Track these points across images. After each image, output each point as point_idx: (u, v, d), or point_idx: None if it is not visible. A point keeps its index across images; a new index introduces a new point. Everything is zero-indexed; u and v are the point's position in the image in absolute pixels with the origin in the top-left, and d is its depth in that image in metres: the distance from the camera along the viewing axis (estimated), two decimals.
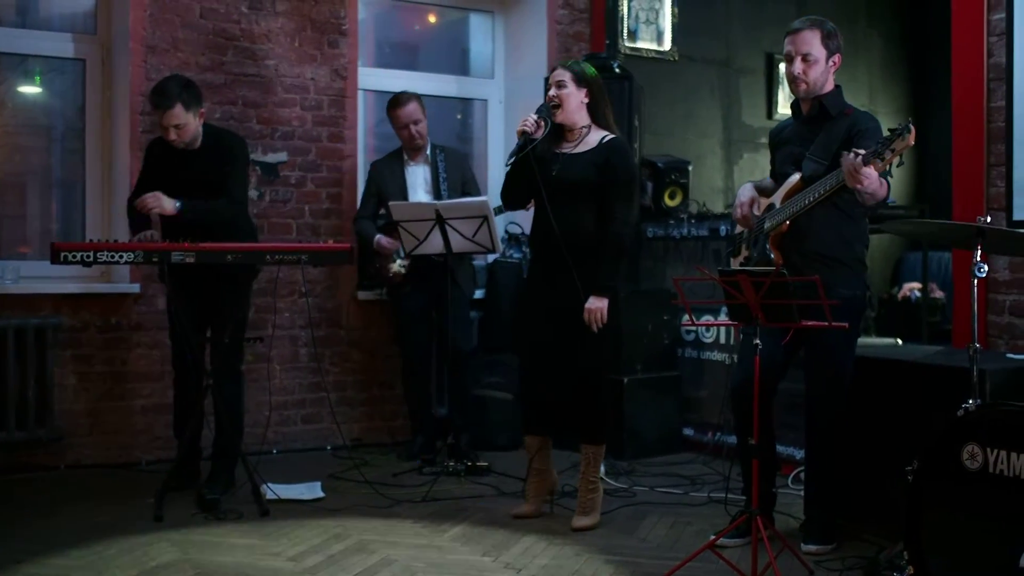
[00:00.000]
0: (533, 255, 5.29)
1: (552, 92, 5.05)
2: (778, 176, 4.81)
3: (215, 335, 5.65)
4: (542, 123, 5.03)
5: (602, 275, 4.96)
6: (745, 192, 4.87)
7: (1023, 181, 5.22)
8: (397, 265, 6.37)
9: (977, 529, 3.53)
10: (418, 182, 6.47)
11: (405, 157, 6.53)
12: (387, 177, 6.50)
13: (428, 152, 6.52)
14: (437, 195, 6.38)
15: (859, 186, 4.17)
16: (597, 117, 5.10)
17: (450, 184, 6.41)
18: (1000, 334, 5.25)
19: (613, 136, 5.06)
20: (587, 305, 4.92)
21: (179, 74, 5.81)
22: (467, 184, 6.54)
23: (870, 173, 4.11)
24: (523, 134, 4.99)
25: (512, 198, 5.24)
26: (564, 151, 5.08)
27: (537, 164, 5.03)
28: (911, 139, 4.04)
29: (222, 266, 5.36)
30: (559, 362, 5.09)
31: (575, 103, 5.04)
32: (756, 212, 4.79)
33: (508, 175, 5.14)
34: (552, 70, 5.20)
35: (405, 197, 6.37)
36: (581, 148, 5.06)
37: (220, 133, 5.80)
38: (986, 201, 5.32)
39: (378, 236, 6.38)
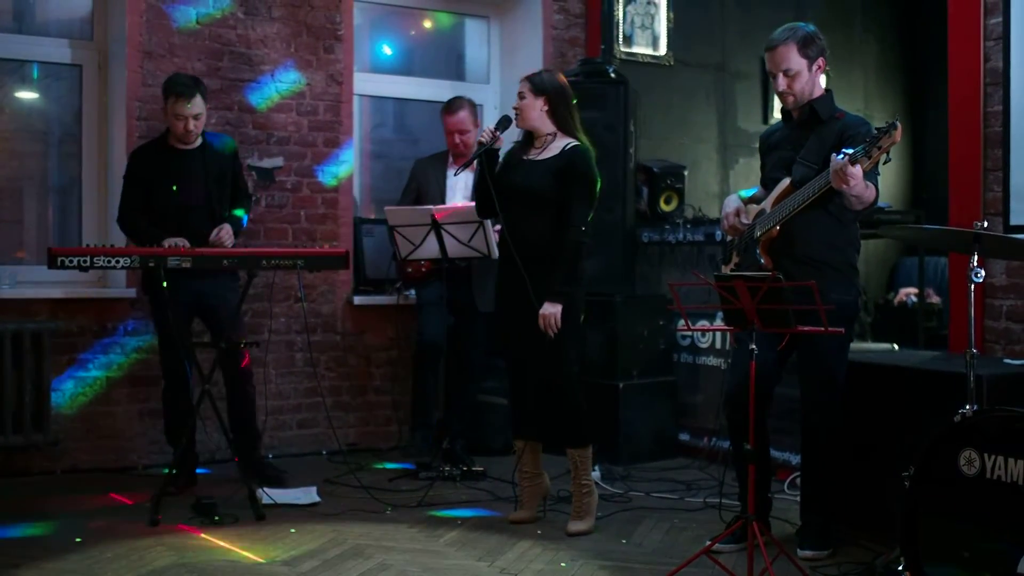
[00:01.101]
0: (500, 261, 5.30)
1: (515, 103, 5.17)
2: (768, 182, 4.82)
3: (216, 338, 5.76)
4: (497, 133, 5.15)
5: (555, 280, 4.95)
6: (730, 203, 4.89)
7: (1020, 186, 5.23)
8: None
9: (974, 535, 3.54)
10: (458, 187, 6.44)
11: (450, 160, 6.51)
12: (429, 177, 6.49)
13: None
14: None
15: (845, 187, 4.18)
16: (561, 124, 5.12)
17: None
18: (997, 339, 5.25)
19: (575, 143, 5.09)
20: (540, 311, 4.93)
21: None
22: None
23: (855, 173, 4.12)
24: (479, 144, 5.13)
25: (481, 207, 5.34)
26: (529, 158, 5.15)
27: (495, 172, 5.16)
28: (897, 136, 4.07)
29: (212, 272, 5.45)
30: (523, 366, 5.15)
31: (533, 112, 5.11)
32: (745, 220, 4.79)
33: (475, 185, 5.30)
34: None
35: (443, 200, 6.35)
36: (544, 155, 5.11)
37: (213, 133, 5.98)
38: (983, 206, 5.33)
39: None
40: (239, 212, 5.92)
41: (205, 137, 5.85)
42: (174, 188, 5.71)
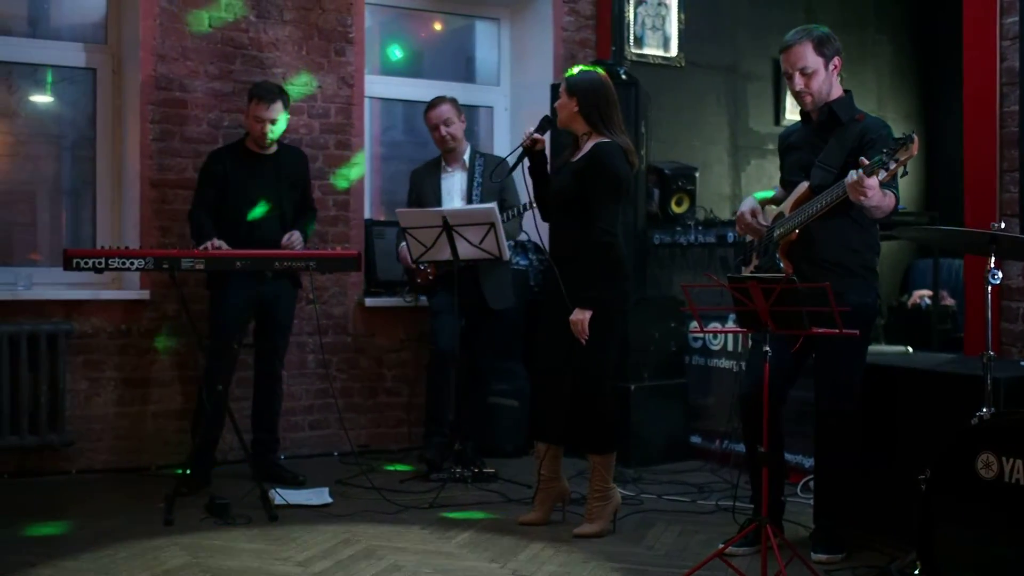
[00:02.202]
0: (549, 266, 5.32)
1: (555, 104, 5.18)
2: (786, 183, 4.81)
3: (263, 342, 6.05)
4: (536, 135, 5.13)
5: (582, 286, 4.93)
6: (747, 203, 4.88)
7: None
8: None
9: (992, 539, 3.52)
10: (454, 189, 6.43)
11: (443, 163, 6.50)
12: (425, 183, 6.47)
13: (467, 158, 6.45)
14: (470, 202, 6.34)
15: (863, 198, 4.18)
16: (592, 124, 5.05)
17: (484, 191, 6.31)
18: (1014, 342, 5.23)
19: (602, 140, 5.01)
20: (571, 318, 4.93)
21: None
22: (505, 191, 6.35)
23: (872, 184, 4.12)
24: (521, 146, 5.15)
25: (543, 212, 5.36)
26: (569, 161, 5.14)
27: (546, 174, 5.19)
28: (914, 149, 4.06)
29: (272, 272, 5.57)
30: (563, 372, 5.11)
31: (566, 113, 5.09)
32: (763, 221, 4.78)
33: (534, 190, 5.30)
34: None
35: (440, 203, 6.35)
36: (576, 157, 5.10)
37: (288, 145, 6.21)
38: (999, 207, 5.30)
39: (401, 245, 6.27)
40: (308, 225, 6.13)
41: (280, 147, 6.03)
42: (247, 190, 5.88)
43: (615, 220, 4.93)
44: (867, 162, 4.11)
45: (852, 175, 4.17)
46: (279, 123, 5.90)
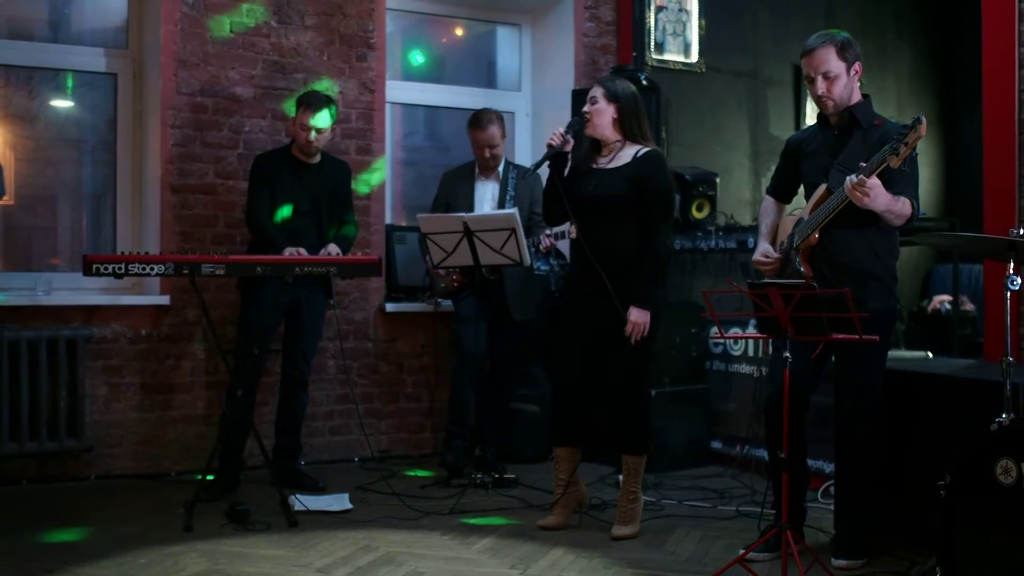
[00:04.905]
0: (571, 271, 5.32)
1: (585, 107, 5.15)
2: (807, 187, 4.80)
3: (291, 347, 6.08)
4: (568, 136, 5.10)
5: (643, 287, 5.01)
6: (758, 249, 4.92)
7: None
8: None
9: (1011, 544, 3.51)
10: (485, 197, 6.44)
11: (476, 171, 6.51)
12: (457, 188, 6.47)
13: (500, 169, 6.46)
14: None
15: (866, 200, 4.18)
16: (628, 133, 5.13)
17: (517, 202, 6.31)
18: None
19: (648, 149, 5.10)
20: (631, 318, 4.96)
21: None
22: (535, 204, 6.27)
23: (874, 184, 4.13)
24: (549, 147, 5.10)
25: (548, 213, 5.36)
26: (599, 166, 5.14)
27: (565, 178, 5.16)
28: (922, 130, 4.08)
29: (307, 279, 5.64)
30: (595, 377, 5.11)
31: (605, 119, 5.11)
32: (775, 253, 4.79)
33: (544, 192, 5.30)
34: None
35: (472, 210, 6.35)
36: (615, 163, 5.11)
37: (332, 156, 6.27)
38: (1018, 213, 5.28)
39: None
40: (348, 231, 6.19)
41: (324, 157, 6.10)
42: (291, 196, 5.93)
43: (671, 228, 5.15)
44: (863, 164, 4.12)
45: (851, 178, 4.19)
46: (325, 132, 5.96)
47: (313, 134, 5.88)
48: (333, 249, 5.87)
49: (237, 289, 6.07)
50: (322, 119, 5.89)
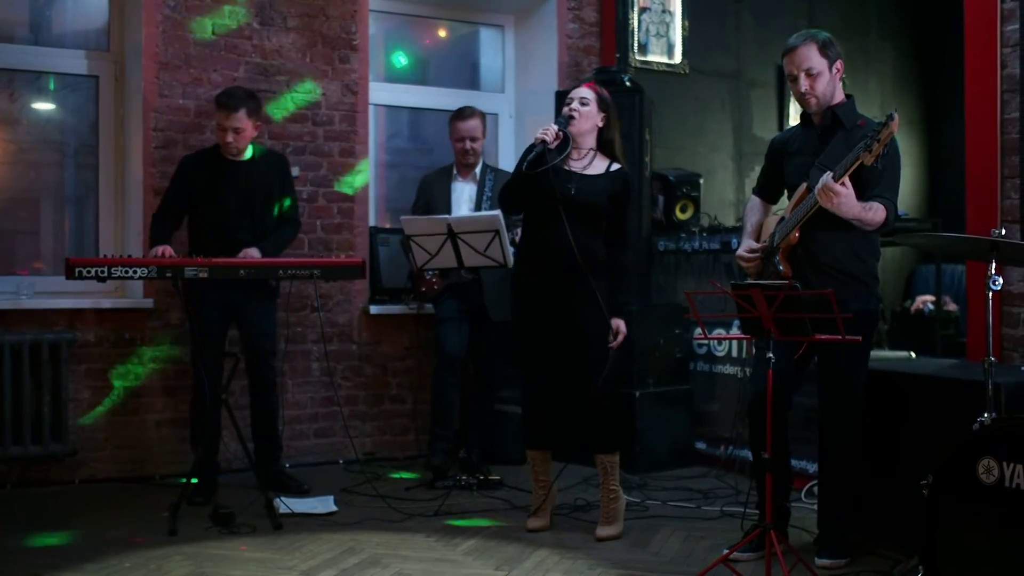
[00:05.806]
0: (529, 267, 5.23)
1: (574, 105, 5.15)
2: (789, 188, 4.82)
3: (250, 351, 5.95)
4: (560, 135, 5.10)
5: (621, 297, 5.17)
6: (742, 246, 4.92)
7: None
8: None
9: (993, 543, 3.52)
10: (463, 198, 6.46)
11: (454, 172, 6.53)
12: (435, 190, 6.50)
13: (478, 171, 6.49)
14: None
15: (831, 205, 4.22)
16: (604, 146, 5.22)
17: (493, 204, 6.30)
18: (1015, 347, 5.22)
19: (620, 167, 5.21)
20: (622, 329, 5.11)
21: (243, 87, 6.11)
22: None
23: (840, 190, 4.20)
24: (542, 142, 5.04)
25: (513, 203, 5.27)
26: (574, 170, 5.15)
27: (536, 172, 5.08)
28: (894, 126, 4.10)
29: (238, 281, 5.49)
30: (569, 377, 5.13)
31: (590, 124, 5.17)
32: (757, 246, 4.81)
33: (518, 180, 5.13)
34: (580, 83, 5.31)
35: (450, 210, 6.37)
36: (592, 171, 5.16)
37: (267, 148, 6.13)
38: (1000, 213, 5.30)
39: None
40: (285, 231, 6.07)
41: (257, 152, 5.98)
42: (218, 197, 5.82)
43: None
44: (832, 170, 4.18)
45: (821, 180, 4.22)
46: (245, 131, 5.82)
47: (231, 135, 5.77)
48: (252, 253, 5.66)
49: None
50: (237, 119, 5.76)
